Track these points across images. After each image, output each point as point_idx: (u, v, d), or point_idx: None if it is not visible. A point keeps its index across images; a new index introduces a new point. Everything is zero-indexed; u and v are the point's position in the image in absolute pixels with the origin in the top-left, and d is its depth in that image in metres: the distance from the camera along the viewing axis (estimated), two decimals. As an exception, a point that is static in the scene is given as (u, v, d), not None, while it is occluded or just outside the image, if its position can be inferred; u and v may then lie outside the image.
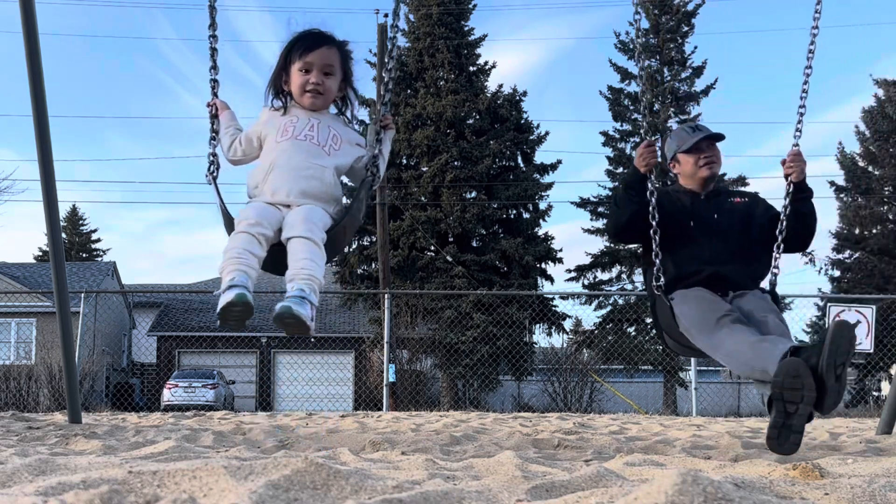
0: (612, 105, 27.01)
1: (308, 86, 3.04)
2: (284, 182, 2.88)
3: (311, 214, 2.80)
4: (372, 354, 20.96)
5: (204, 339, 27.68)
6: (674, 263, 3.81)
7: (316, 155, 2.96)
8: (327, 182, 2.95)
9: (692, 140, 3.98)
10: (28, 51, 5.37)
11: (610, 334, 24.56)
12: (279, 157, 2.93)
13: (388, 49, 3.56)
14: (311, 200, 2.89)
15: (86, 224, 48.11)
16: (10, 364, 16.40)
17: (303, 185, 2.88)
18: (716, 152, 4.00)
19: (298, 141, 2.96)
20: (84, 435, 4.66)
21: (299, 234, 2.74)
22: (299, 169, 2.90)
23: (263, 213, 2.80)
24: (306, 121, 3.03)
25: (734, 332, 3.36)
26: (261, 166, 2.98)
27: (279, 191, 2.87)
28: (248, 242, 2.72)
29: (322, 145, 3.00)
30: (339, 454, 3.03)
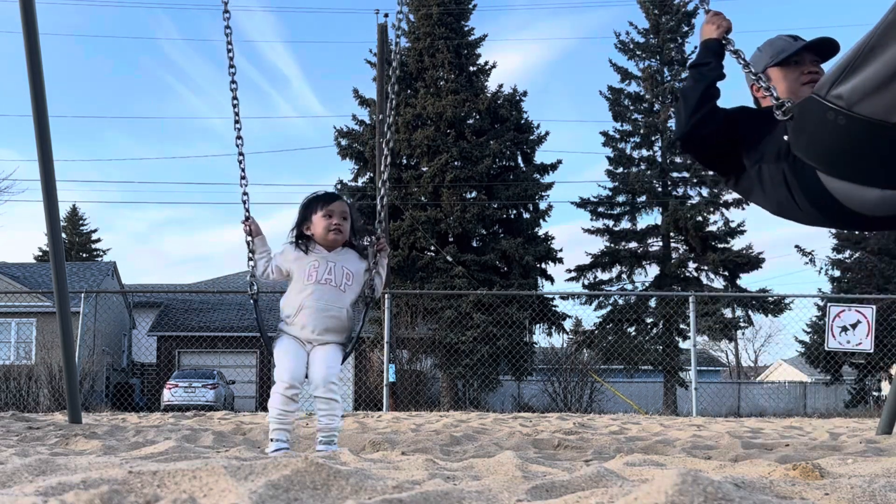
0: (612, 105, 27.01)
1: (331, 226, 3.83)
2: (310, 321, 3.74)
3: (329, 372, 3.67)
4: (372, 354, 20.95)
5: (204, 339, 27.67)
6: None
7: (335, 297, 3.79)
8: (343, 319, 3.81)
9: (793, 48, 3.03)
10: (28, 51, 5.37)
11: (610, 334, 24.56)
12: (306, 300, 3.76)
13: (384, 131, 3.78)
14: (330, 335, 3.77)
15: (86, 224, 48.11)
16: (10, 364, 16.41)
17: (326, 324, 3.76)
18: (821, 71, 3.01)
19: (321, 285, 3.77)
20: (84, 435, 4.66)
21: (322, 396, 3.66)
22: (323, 311, 3.75)
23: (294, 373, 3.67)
24: (325, 264, 3.81)
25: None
26: (292, 303, 3.80)
27: (306, 328, 3.75)
28: (285, 404, 3.65)
29: (339, 286, 3.81)
30: (339, 454, 3.03)
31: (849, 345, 12.35)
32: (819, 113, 2.45)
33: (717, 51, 3.04)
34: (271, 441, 3.65)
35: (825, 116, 2.42)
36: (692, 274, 26.19)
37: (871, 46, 2.27)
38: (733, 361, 49.55)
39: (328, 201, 3.88)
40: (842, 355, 21.58)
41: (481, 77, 26.59)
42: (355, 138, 26.20)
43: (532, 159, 26.44)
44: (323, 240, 3.85)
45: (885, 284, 24.29)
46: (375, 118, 23.14)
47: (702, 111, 2.96)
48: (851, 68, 2.33)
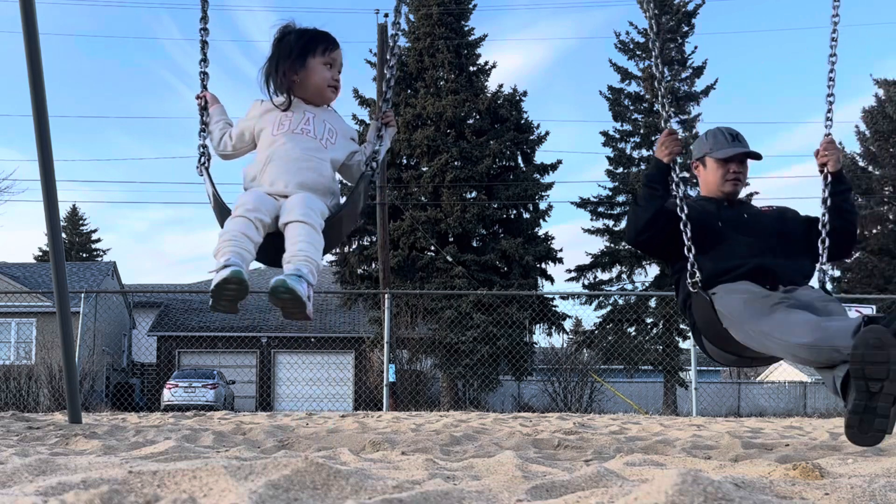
0: (613, 105, 27.01)
1: (331, 82, 3.09)
2: (282, 174, 2.87)
3: (309, 200, 2.79)
4: (372, 354, 20.95)
5: (204, 339, 27.67)
6: (711, 260, 3.42)
7: (314, 148, 2.98)
8: (325, 175, 2.97)
9: (729, 151, 3.66)
10: (28, 51, 5.37)
11: (610, 334, 24.56)
12: (277, 150, 2.93)
13: (390, 46, 3.54)
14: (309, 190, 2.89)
15: (86, 224, 48.13)
16: (10, 364, 16.41)
17: (301, 178, 2.88)
18: (746, 170, 3.72)
19: (295, 134, 2.97)
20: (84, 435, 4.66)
21: (297, 219, 2.73)
22: (297, 161, 2.90)
23: (261, 200, 2.79)
24: (301, 115, 3.03)
25: (791, 314, 2.98)
26: (258, 158, 2.98)
27: (277, 181, 2.87)
28: (245, 226, 2.69)
29: (319, 138, 3.02)
30: (339, 454, 3.03)
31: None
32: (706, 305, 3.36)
33: (666, 175, 3.58)
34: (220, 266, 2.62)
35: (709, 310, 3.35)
36: (692, 274, 26.16)
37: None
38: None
39: (331, 47, 3.09)
40: (842, 355, 21.52)
41: (481, 77, 26.59)
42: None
43: (532, 159, 26.44)
44: (317, 93, 3.10)
45: (885, 284, 24.30)
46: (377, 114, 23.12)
47: (650, 229, 3.55)
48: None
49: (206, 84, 3.32)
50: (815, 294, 3.30)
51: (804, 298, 3.18)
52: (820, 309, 3.09)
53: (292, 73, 3.05)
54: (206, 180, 3.16)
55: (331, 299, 28.90)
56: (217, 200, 3.05)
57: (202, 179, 3.17)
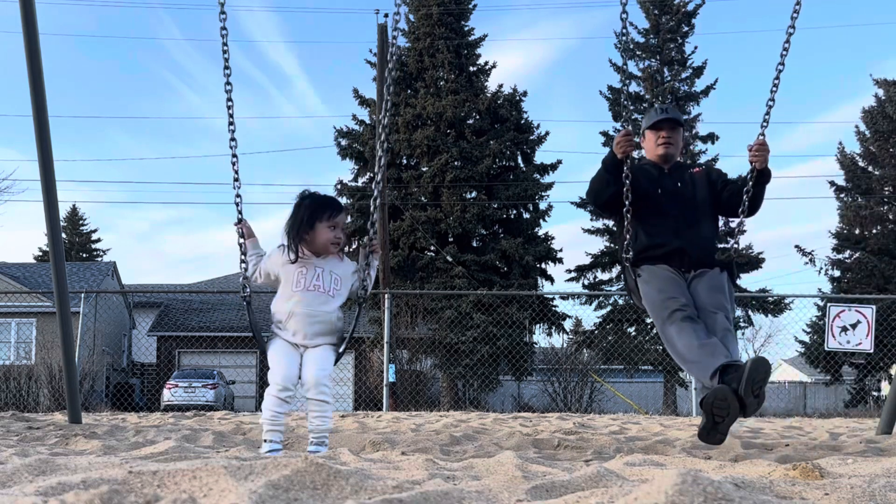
0: (613, 105, 27.03)
1: (334, 240, 3.81)
2: (301, 327, 3.76)
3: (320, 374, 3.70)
4: (372, 354, 20.96)
5: (204, 339, 27.67)
6: (645, 233, 4.27)
7: (323, 302, 3.78)
8: (332, 322, 3.81)
9: (654, 119, 4.42)
10: (28, 51, 5.37)
11: (610, 334, 24.55)
12: (295, 307, 3.76)
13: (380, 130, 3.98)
14: (321, 338, 3.77)
15: (86, 224, 48.11)
16: (10, 364, 16.41)
17: (315, 329, 3.76)
18: (674, 135, 4.41)
19: (309, 291, 3.77)
20: (84, 435, 4.66)
21: (313, 398, 3.70)
22: (312, 317, 3.75)
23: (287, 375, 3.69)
24: (313, 271, 3.80)
25: (683, 333, 3.90)
26: (282, 309, 3.80)
27: (297, 333, 3.76)
28: (278, 405, 3.68)
29: (328, 291, 3.80)
30: (339, 454, 3.03)
31: (849, 345, 12.35)
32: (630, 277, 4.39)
33: (619, 168, 4.18)
34: (265, 442, 3.69)
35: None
36: (692, 274, 26.18)
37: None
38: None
39: (336, 212, 3.83)
40: (842, 355, 21.59)
41: (481, 77, 26.59)
42: (355, 138, 26.20)
43: (532, 159, 26.44)
44: (321, 250, 3.82)
45: (885, 284, 24.30)
46: (375, 118, 23.15)
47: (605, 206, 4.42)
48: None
49: (242, 210, 4.09)
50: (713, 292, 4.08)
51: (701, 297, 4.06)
52: (708, 320, 3.98)
53: (304, 232, 3.79)
54: (248, 310, 4.07)
55: (331, 299, 28.88)
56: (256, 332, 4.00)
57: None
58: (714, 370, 3.71)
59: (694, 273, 4.18)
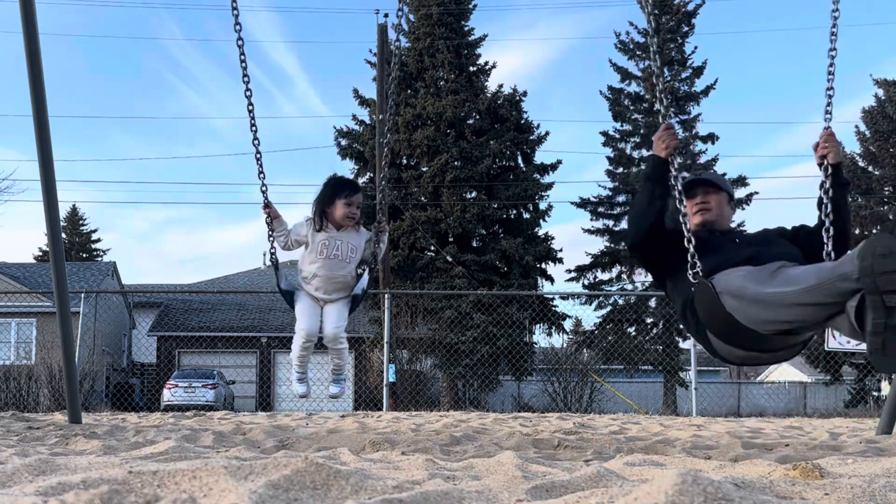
0: (613, 105, 27.02)
1: (349, 214, 4.62)
2: (322, 285, 4.69)
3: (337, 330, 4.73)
4: (372, 354, 20.96)
5: (204, 339, 27.67)
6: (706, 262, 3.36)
7: (341, 267, 4.68)
8: (348, 280, 4.76)
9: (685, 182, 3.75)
10: (28, 51, 5.37)
11: (610, 334, 24.56)
12: (318, 270, 4.65)
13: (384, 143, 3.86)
14: (338, 294, 4.73)
15: (86, 224, 48.10)
16: (10, 364, 16.41)
17: (334, 287, 4.71)
18: (709, 199, 3.76)
19: (329, 259, 4.63)
20: (84, 435, 4.66)
21: (333, 347, 4.81)
22: (331, 279, 4.68)
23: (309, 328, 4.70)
24: (333, 242, 4.63)
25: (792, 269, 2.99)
26: (308, 269, 4.69)
27: (319, 290, 4.71)
28: (304, 349, 4.81)
29: (344, 258, 4.66)
30: (339, 454, 3.04)
31: (849, 345, 12.34)
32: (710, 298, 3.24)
33: (665, 171, 3.58)
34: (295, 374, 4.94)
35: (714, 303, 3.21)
36: (692, 274, 26.19)
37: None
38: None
39: (353, 191, 4.67)
40: (842, 355, 21.57)
41: (481, 77, 26.59)
42: (355, 138, 26.20)
43: (532, 159, 26.43)
44: (339, 222, 4.63)
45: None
46: (375, 118, 23.15)
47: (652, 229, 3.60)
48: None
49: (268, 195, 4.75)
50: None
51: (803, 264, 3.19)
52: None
53: (326, 206, 4.63)
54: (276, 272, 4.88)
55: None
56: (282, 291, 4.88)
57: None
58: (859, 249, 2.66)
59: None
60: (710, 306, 3.22)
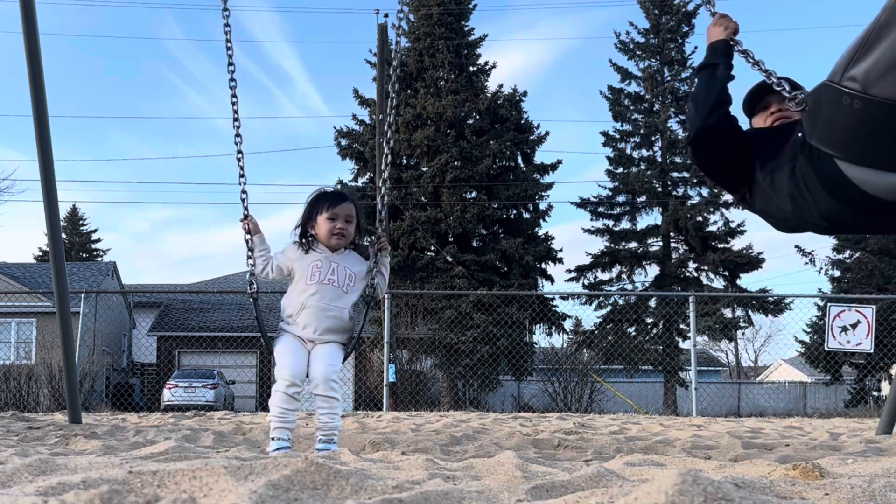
0: (613, 105, 27.02)
1: (335, 230, 3.78)
2: (312, 321, 3.71)
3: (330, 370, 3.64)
4: (372, 354, 20.95)
5: (204, 339, 27.66)
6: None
7: (337, 297, 3.75)
8: (345, 319, 3.77)
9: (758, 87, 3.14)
10: (28, 51, 5.37)
11: (610, 334, 24.56)
12: (308, 300, 3.72)
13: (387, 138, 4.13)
14: (331, 335, 3.73)
15: (86, 224, 48.11)
16: (10, 364, 16.41)
17: (326, 325, 3.72)
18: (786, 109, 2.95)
19: (323, 285, 3.74)
20: (84, 435, 4.66)
21: (322, 394, 3.63)
22: (324, 311, 3.71)
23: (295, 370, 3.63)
24: (328, 265, 3.77)
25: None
26: (293, 302, 3.76)
27: (308, 328, 3.71)
28: (287, 402, 3.61)
29: (342, 287, 3.77)
30: (339, 454, 3.04)
31: (849, 345, 12.35)
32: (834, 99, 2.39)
33: (727, 52, 3.05)
34: (272, 440, 3.61)
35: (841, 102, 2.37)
36: (692, 274, 26.22)
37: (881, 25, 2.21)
38: (733, 361, 49.53)
39: (334, 203, 3.81)
40: (842, 355, 21.58)
41: (481, 77, 26.59)
42: (355, 138, 26.21)
43: (532, 159, 26.44)
44: (326, 242, 3.81)
45: (885, 284, 24.29)
46: (375, 118, 23.15)
47: (716, 113, 2.94)
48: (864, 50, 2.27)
49: (248, 206, 4.05)
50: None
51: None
52: None
53: (310, 227, 3.84)
54: (255, 308, 4.09)
55: (331, 299, 28.86)
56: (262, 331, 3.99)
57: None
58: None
59: None
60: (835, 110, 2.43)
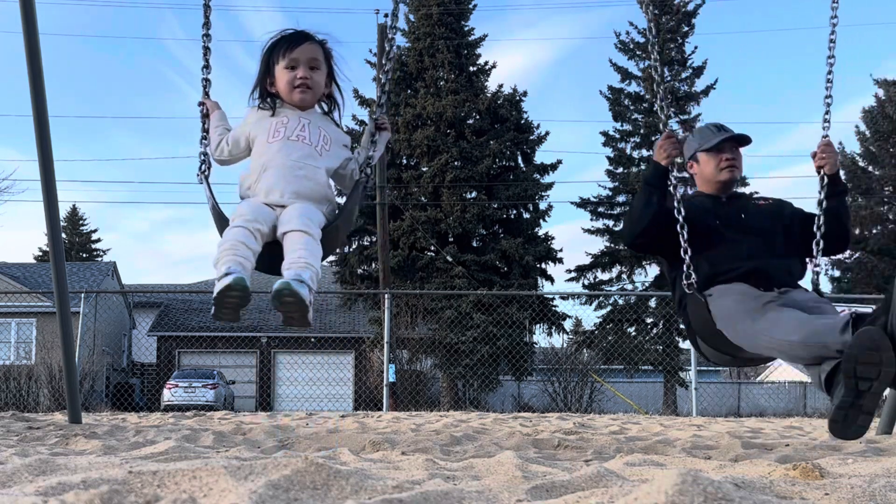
0: (613, 105, 27.01)
1: (296, 81, 3.04)
2: (278, 182, 2.89)
3: (306, 210, 2.83)
4: (372, 354, 20.97)
5: (204, 339, 27.67)
6: (708, 262, 3.49)
7: (308, 155, 2.98)
8: (320, 182, 2.98)
9: (715, 140, 3.73)
10: (28, 51, 5.37)
11: (610, 334, 24.56)
12: (272, 158, 2.94)
13: (387, 50, 3.60)
14: (304, 201, 2.90)
15: (86, 224, 48.12)
16: (10, 364, 16.41)
17: (296, 186, 2.90)
18: (738, 156, 3.75)
19: (291, 141, 2.98)
20: (84, 435, 4.66)
21: (296, 228, 2.76)
22: (293, 169, 2.92)
23: (258, 211, 2.82)
24: (297, 121, 3.04)
25: (783, 313, 3.11)
26: (253, 167, 2.99)
27: (273, 191, 2.89)
28: (244, 235, 2.71)
29: (314, 145, 3.02)
30: (339, 454, 3.04)
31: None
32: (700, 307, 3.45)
33: (664, 178, 3.60)
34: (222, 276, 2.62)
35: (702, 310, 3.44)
36: (692, 274, 26.21)
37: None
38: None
39: (292, 46, 3.06)
40: (842, 355, 21.53)
41: (481, 77, 26.59)
42: (355, 138, 26.07)
43: (532, 159, 26.44)
44: (289, 98, 3.09)
45: (885, 284, 24.29)
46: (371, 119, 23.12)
47: (646, 234, 3.63)
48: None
49: (209, 91, 3.35)
50: (809, 295, 3.40)
51: (797, 298, 3.30)
52: (812, 308, 3.19)
53: (269, 84, 3.12)
54: (206, 188, 3.18)
55: (331, 299, 28.89)
56: (216, 210, 3.09)
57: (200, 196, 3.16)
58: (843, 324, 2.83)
59: (778, 290, 3.36)
60: (701, 319, 3.43)
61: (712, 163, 3.71)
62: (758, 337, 3.15)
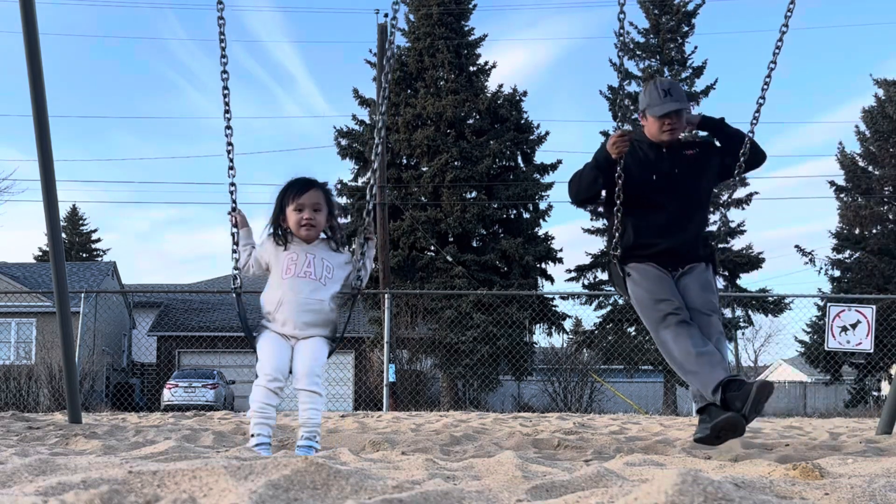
0: (613, 105, 27.00)
1: (303, 221, 3.68)
2: (291, 316, 3.62)
3: (313, 364, 3.58)
4: (372, 354, 20.97)
5: (204, 339, 27.67)
6: (634, 229, 4.15)
7: (315, 289, 3.66)
8: (325, 312, 3.68)
9: (660, 109, 4.14)
10: (28, 51, 5.37)
11: (610, 334, 24.54)
12: (285, 293, 3.64)
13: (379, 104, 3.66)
14: (313, 330, 3.65)
15: (86, 224, 48.10)
16: (10, 364, 16.42)
17: (306, 318, 3.64)
18: (680, 120, 4.20)
19: (300, 278, 3.65)
20: (84, 435, 4.66)
21: (305, 388, 3.55)
22: (303, 304, 3.63)
23: (277, 365, 3.56)
24: (304, 257, 3.69)
25: (679, 339, 3.84)
26: (271, 298, 3.69)
27: (287, 323, 3.63)
28: (268, 397, 3.53)
29: (319, 279, 3.68)
30: (339, 454, 3.04)
31: (849, 345, 12.35)
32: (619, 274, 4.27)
33: (612, 168, 4.07)
34: (252, 436, 3.50)
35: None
36: (692, 274, 26.19)
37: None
38: (733, 361, 49.52)
39: (299, 192, 3.70)
40: (842, 355, 21.59)
41: (481, 77, 26.59)
42: (355, 138, 26.20)
43: (532, 159, 26.44)
44: (296, 234, 3.72)
45: (885, 284, 24.30)
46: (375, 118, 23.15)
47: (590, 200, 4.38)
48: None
49: (236, 198, 3.99)
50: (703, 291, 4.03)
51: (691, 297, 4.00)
52: (702, 323, 3.91)
53: (282, 221, 3.75)
54: (237, 303, 3.98)
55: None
56: (245, 326, 3.85)
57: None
58: (716, 385, 3.66)
59: (682, 270, 4.11)
60: (619, 283, 4.24)
61: (656, 125, 4.18)
62: (659, 343, 3.97)
